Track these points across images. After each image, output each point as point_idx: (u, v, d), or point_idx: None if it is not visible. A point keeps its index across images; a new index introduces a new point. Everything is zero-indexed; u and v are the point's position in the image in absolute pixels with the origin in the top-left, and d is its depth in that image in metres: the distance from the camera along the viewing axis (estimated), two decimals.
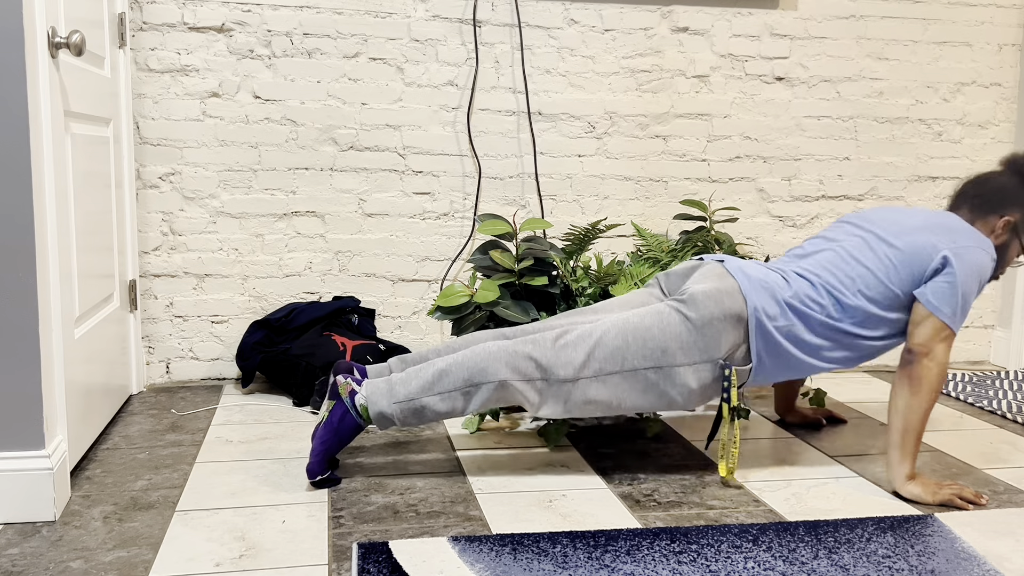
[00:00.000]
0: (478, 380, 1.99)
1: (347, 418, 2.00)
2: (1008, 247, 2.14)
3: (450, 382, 1.99)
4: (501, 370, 1.99)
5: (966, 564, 1.67)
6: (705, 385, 2.01)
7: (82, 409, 2.11)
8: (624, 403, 2.02)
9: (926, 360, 1.96)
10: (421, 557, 1.66)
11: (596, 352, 1.99)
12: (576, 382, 1.99)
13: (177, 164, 2.82)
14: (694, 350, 1.99)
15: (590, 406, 2.02)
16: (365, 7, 2.87)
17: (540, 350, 2.00)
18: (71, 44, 1.87)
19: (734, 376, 2.00)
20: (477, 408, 2.01)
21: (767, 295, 2.02)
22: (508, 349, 2.01)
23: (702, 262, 2.14)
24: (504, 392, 2.00)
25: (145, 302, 2.85)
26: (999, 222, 2.11)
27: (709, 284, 2.02)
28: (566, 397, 2.01)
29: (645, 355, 1.99)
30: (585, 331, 2.02)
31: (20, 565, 1.62)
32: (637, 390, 2.01)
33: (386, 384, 2.01)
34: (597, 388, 2.00)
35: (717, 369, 2.01)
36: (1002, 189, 2.13)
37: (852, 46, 3.18)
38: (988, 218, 2.13)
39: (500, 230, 2.67)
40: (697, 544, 1.73)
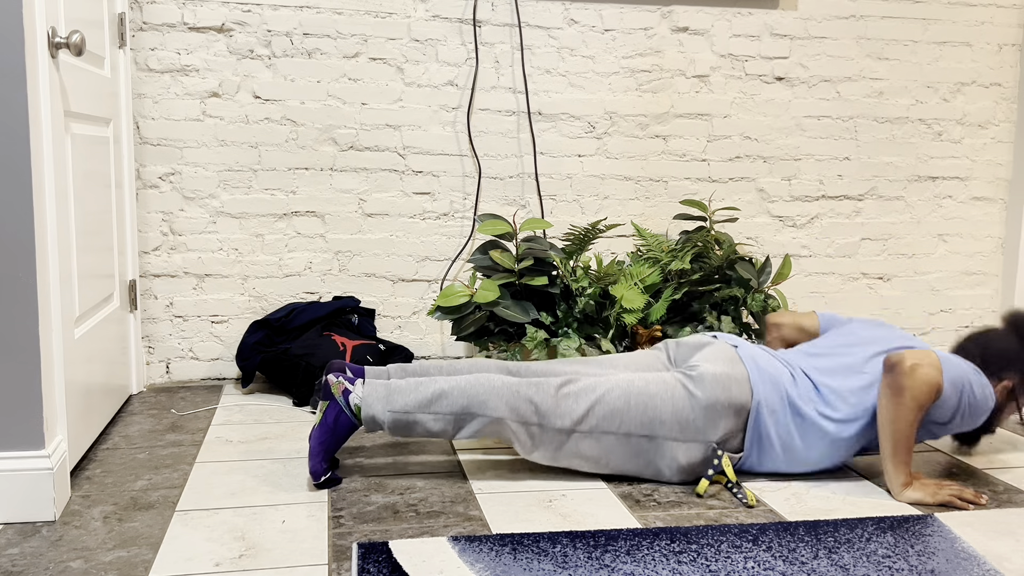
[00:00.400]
0: (475, 411, 2.01)
1: (342, 417, 2.00)
2: (1003, 409, 2.16)
3: (447, 405, 2.00)
4: (500, 407, 2.01)
5: (966, 564, 1.67)
6: (693, 463, 2.04)
7: (82, 409, 2.11)
8: (611, 463, 2.05)
9: (906, 367, 1.94)
10: (421, 557, 1.66)
11: (596, 409, 2.01)
12: (571, 434, 2.02)
13: (177, 164, 2.82)
14: (691, 428, 2.01)
15: (578, 459, 2.05)
16: (365, 7, 2.87)
17: (542, 396, 2.02)
18: (71, 44, 1.87)
19: (725, 461, 2.00)
20: (466, 436, 2.03)
21: (773, 390, 2.04)
22: (511, 388, 2.02)
23: (715, 340, 2.16)
24: (498, 427, 2.03)
25: (145, 302, 2.85)
26: (998, 386, 2.14)
27: (720, 367, 2.04)
28: (558, 446, 2.03)
29: (643, 422, 2.01)
30: (589, 385, 2.03)
31: (20, 565, 1.62)
32: (627, 454, 2.04)
33: (385, 390, 2.02)
34: (589, 444, 2.03)
35: (708, 451, 2.02)
36: (1004, 353, 2.14)
37: (852, 46, 3.18)
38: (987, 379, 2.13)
39: (500, 230, 2.67)
40: (697, 544, 1.73)
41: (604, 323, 2.75)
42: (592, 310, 2.72)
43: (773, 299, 2.81)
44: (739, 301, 2.82)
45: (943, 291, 3.38)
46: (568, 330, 2.68)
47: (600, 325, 2.74)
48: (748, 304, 2.79)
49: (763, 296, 2.80)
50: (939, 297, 3.38)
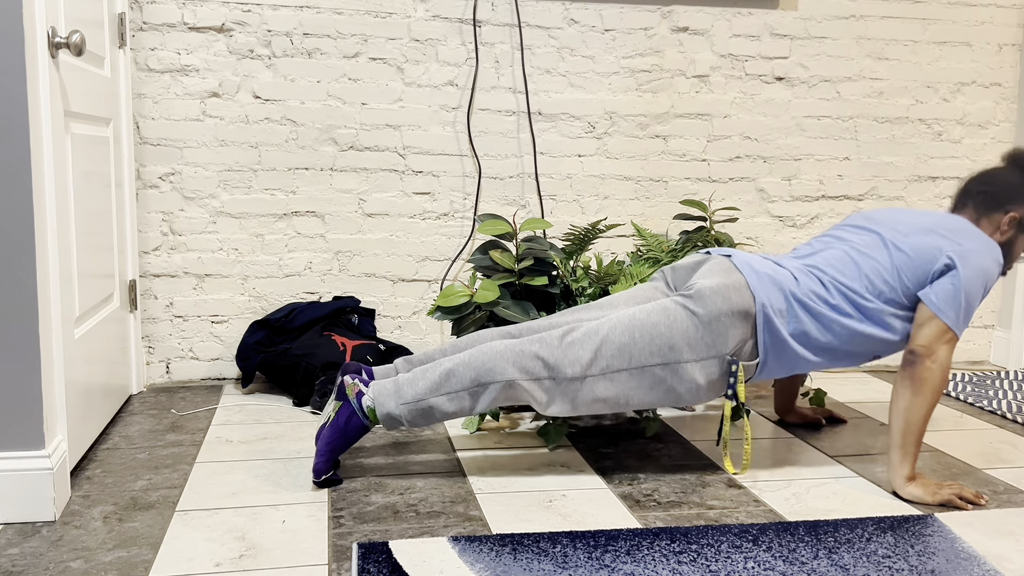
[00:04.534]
0: (485, 380, 1.99)
1: (353, 419, 2.00)
2: (1014, 243, 2.14)
3: (457, 382, 1.99)
4: (508, 369, 1.98)
5: (966, 564, 1.67)
6: (712, 381, 2.01)
7: (82, 409, 2.11)
8: (632, 400, 2.02)
9: (928, 361, 1.95)
10: (421, 557, 1.66)
11: (603, 349, 1.99)
12: (584, 380, 1.99)
13: (177, 164, 2.82)
14: (701, 346, 1.99)
15: (598, 403, 2.02)
16: (365, 7, 2.87)
17: (547, 349, 2.00)
18: (71, 44, 1.87)
19: (741, 372, 1.99)
20: (485, 407, 2.01)
21: (775, 290, 2.02)
22: (515, 348, 2.00)
23: (709, 256, 2.14)
24: (512, 391, 2.00)
25: (145, 302, 2.85)
26: (1004, 218, 2.12)
27: (716, 279, 2.02)
28: (574, 395, 2.00)
29: (652, 351, 1.98)
30: (591, 328, 2.01)
31: (20, 565, 1.62)
32: (644, 386, 2.01)
33: (393, 385, 2.01)
34: (604, 385, 2.00)
35: (724, 364, 2.01)
36: (1006, 185, 2.13)
37: (852, 46, 3.18)
38: (993, 215, 2.13)
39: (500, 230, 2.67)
40: (697, 544, 1.73)
41: None
42: None
43: None
44: None
45: None
46: None
47: None
48: None
49: None
50: None
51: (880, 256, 2.07)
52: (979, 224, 2.14)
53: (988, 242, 2.04)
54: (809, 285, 2.05)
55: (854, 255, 2.09)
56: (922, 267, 2.03)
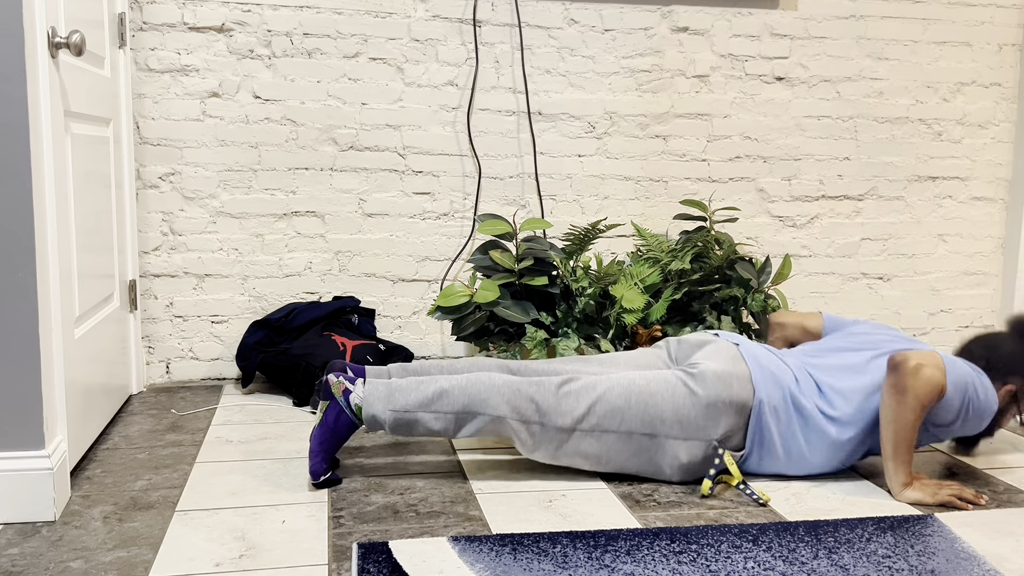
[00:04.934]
0: (476, 410, 2.00)
1: (342, 417, 2.00)
2: (1005, 412, 2.17)
3: (448, 404, 2.00)
4: (501, 406, 2.00)
5: (966, 564, 1.67)
6: (694, 462, 2.03)
7: (82, 409, 2.11)
8: (612, 462, 2.05)
9: (910, 367, 1.94)
10: (421, 557, 1.66)
11: (597, 407, 2.00)
12: (572, 433, 2.02)
13: (177, 164, 2.82)
14: (692, 426, 2.00)
15: (579, 458, 2.05)
16: (365, 7, 2.87)
17: (543, 394, 2.01)
18: (71, 44, 1.87)
19: (727, 458, 2.00)
20: (467, 435, 2.03)
21: (775, 389, 2.04)
22: (512, 386, 2.02)
23: (717, 338, 2.16)
24: (498, 426, 2.02)
25: (145, 302, 2.85)
26: (1001, 390, 2.13)
27: (722, 365, 2.03)
28: (559, 445, 2.03)
29: (644, 420, 2.00)
30: (590, 383, 2.03)
31: (20, 565, 1.62)
32: (628, 452, 2.03)
33: (386, 389, 2.02)
34: (590, 443, 2.02)
35: (709, 449, 2.02)
36: (1009, 357, 2.14)
37: (852, 46, 3.18)
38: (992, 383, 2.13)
39: (500, 230, 2.67)
40: (697, 544, 1.73)
41: (604, 323, 2.75)
42: (592, 310, 2.72)
43: (773, 299, 2.81)
44: (739, 301, 2.82)
45: (943, 291, 3.38)
46: (568, 330, 2.68)
47: (600, 325, 2.74)
48: (748, 304, 2.79)
49: (763, 296, 2.80)
50: (939, 297, 3.38)
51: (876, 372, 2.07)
52: None
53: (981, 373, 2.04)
54: (808, 388, 2.06)
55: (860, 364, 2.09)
56: None
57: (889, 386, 1.97)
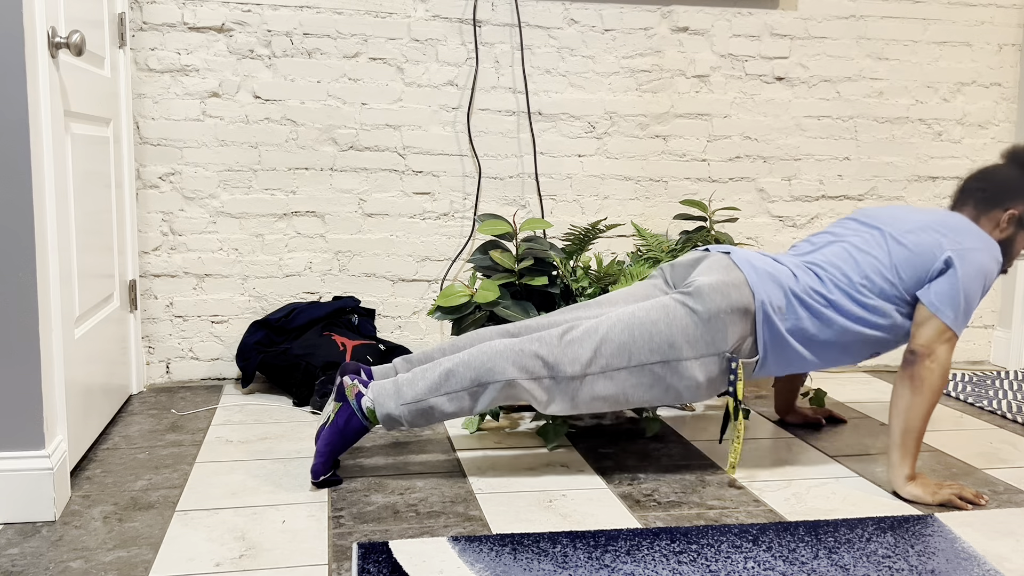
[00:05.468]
0: (485, 379, 1.99)
1: (353, 420, 1.99)
2: (1014, 240, 2.14)
3: (457, 382, 1.99)
4: (508, 369, 1.98)
5: (966, 564, 1.67)
6: (712, 378, 2.01)
7: (82, 409, 2.11)
8: (631, 398, 2.02)
9: (928, 361, 1.95)
10: (421, 557, 1.66)
11: (602, 348, 1.98)
12: (583, 378, 1.99)
13: (177, 164, 2.82)
14: (700, 343, 1.99)
15: (597, 402, 2.02)
16: (365, 7, 2.87)
17: (546, 348, 1.99)
18: (71, 44, 1.87)
19: (741, 369, 1.99)
20: (485, 407, 2.01)
21: (775, 287, 2.02)
22: (514, 347, 2.00)
23: (708, 253, 2.14)
24: (512, 390, 2.00)
25: (145, 302, 2.85)
26: (1004, 216, 2.11)
27: (715, 276, 2.02)
28: (574, 394, 2.00)
29: (652, 349, 1.98)
30: (590, 327, 2.01)
31: (20, 565, 1.62)
32: (644, 384, 2.00)
33: (393, 386, 2.01)
34: (604, 384, 2.00)
35: (724, 362, 2.01)
36: (1006, 182, 2.12)
37: (852, 46, 3.18)
38: (992, 212, 2.12)
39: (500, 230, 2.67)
40: (697, 544, 1.73)
41: None
42: None
43: None
44: None
45: None
46: None
47: None
48: None
49: None
50: None
51: (879, 253, 2.06)
52: (978, 222, 2.14)
53: (987, 240, 2.03)
54: (808, 282, 2.05)
55: (853, 252, 2.09)
56: (921, 265, 2.02)
57: (906, 376, 1.97)
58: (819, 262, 2.09)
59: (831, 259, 2.09)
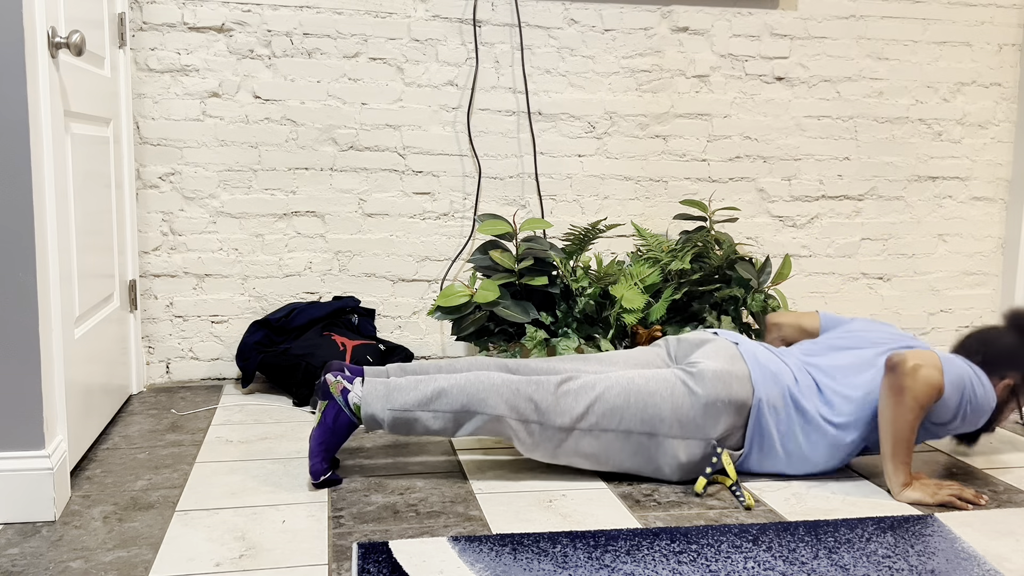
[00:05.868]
0: (475, 409, 2.00)
1: (341, 416, 2.00)
2: (1004, 407, 2.15)
3: (447, 403, 2.00)
4: (500, 405, 2.00)
5: (966, 564, 1.67)
6: (693, 461, 2.03)
7: (82, 409, 2.11)
8: (611, 461, 2.05)
9: (908, 368, 1.94)
10: (421, 557, 1.66)
11: (596, 406, 2.00)
12: (571, 432, 2.01)
13: (177, 164, 2.82)
14: (691, 425, 2.00)
15: (578, 457, 2.05)
16: (365, 7, 2.87)
17: (542, 393, 2.01)
18: (71, 44, 1.87)
19: (725, 457, 2.00)
20: (466, 434, 2.03)
21: (775, 387, 2.04)
22: (511, 385, 2.02)
23: (716, 336, 2.16)
24: (497, 426, 2.02)
25: (145, 302, 2.85)
26: (999, 384, 2.12)
27: (721, 364, 2.03)
28: (558, 444, 2.03)
29: (643, 419, 2.00)
30: (588, 382, 2.03)
31: (20, 565, 1.62)
32: (627, 451, 2.03)
33: (384, 388, 2.01)
34: (589, 442, 2.02)
35: (708, 448, 2.02)
36: (1006, 351, 2.13)
37: (852, 46, 3.18)
38: (989, 377, 2.13)
39: (500, 230, 2.67)
40: (697, 544, 1.73)
41: (604, 323, 2.75)
42: (592, 310, 2.72)
43: (773, 299, 2.81)
44: (739, 301, 2.82)
45: (943, 291, 3.38)
46: (567, 330, 2.68)
47: (600, 325, 2.74)
48: (748, 304, 2.79)
49: (763, 296, 2.80)
50: (939, 297, 3.38)
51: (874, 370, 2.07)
52: None
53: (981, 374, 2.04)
54: (808, 387, 2.06)
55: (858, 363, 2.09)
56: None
57: (887, 387, 1.97)
58: (823, 367, 2.11)
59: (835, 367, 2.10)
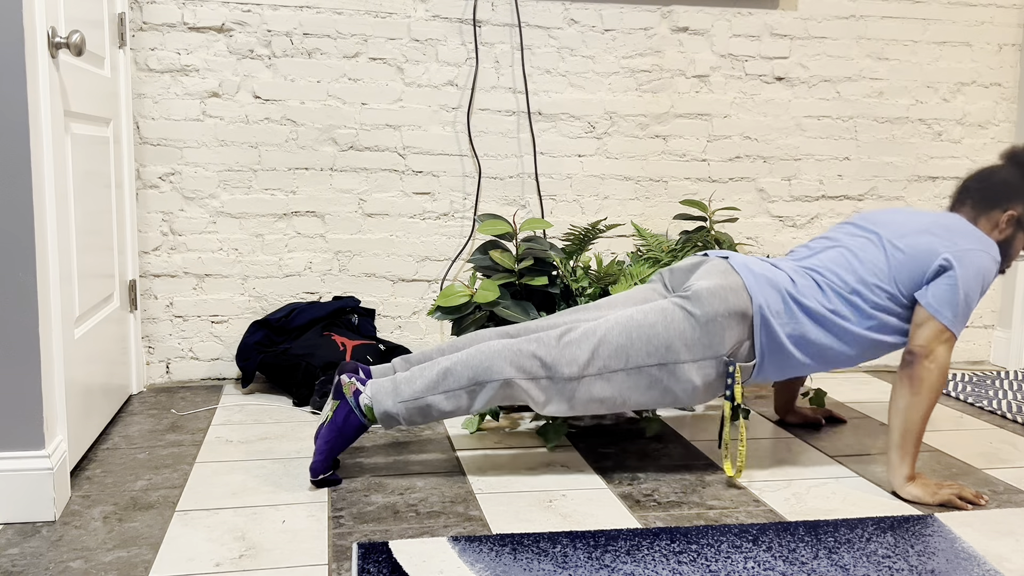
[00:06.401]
0: (483, 379, 1.99)
1: (351, 418, 2.00)
2: (1012, 241, 2.13)
3: (455, 381, 1.99)
4: (506, 368, 1.99)
5: (966, 564, 1.67)
6: (709, 382, 2.01)
7: (82, 409, 2.11)
8: (628, 400, 2.02)
9: (926, 362, 1.95)
10: (421, 557, 1.66)
11: (600, 349, 1.99)
12: (581, 380, 1.99)
13: (177, 164, 2.82)
14: (698, 347, 1.99)
15: (594, 403, 2.02)
16: (365, 7, 2.87)
17: (544, 348, 2.00)
18: (71, 44, 1.87)
19: (738, 373, 1.99)
20: (482, 406, 2.01)
21: (772, 292, 2.02)
22: (512, 347, 2.00)
23: (706, 258, 2.15)
24: (509, 390, 2.00)
25: (145, 302, 2.85)
26: (1003, 216, 2.11)
27: (713, 281, 2.02)
28: (571, 395, 2.00)
29: (649, 352, 1.99)
30: (589, 328, 2.02)
31: (20, 565, 1.62)
32: (641, 387, 2.01)
33: (391, 383, 2.01)
34: (601, 386, 2.00)
35: (721, 365, 2.01)
36: (1004, 183, 2.12)
37: (852, 46, 3.18)
38: (991, 213, 2.12)
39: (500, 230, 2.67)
40: (697, 544, 1.73)
41: None
42: None
43: None
44: None
45: None
46: None
47: None
48: None
49: None
50: None
51: (877, 257, 2.07)
52: (977, 222, 2.14)
53: (985, 241, 2.03)
54: (806, 286, 2.05)
55: (851, 257, 2.09)
56: (918, 267, 2.02)
57: (905, 376, 1.97)
58: (817, 267, 2.09)
59: (829, 264, 2.09)
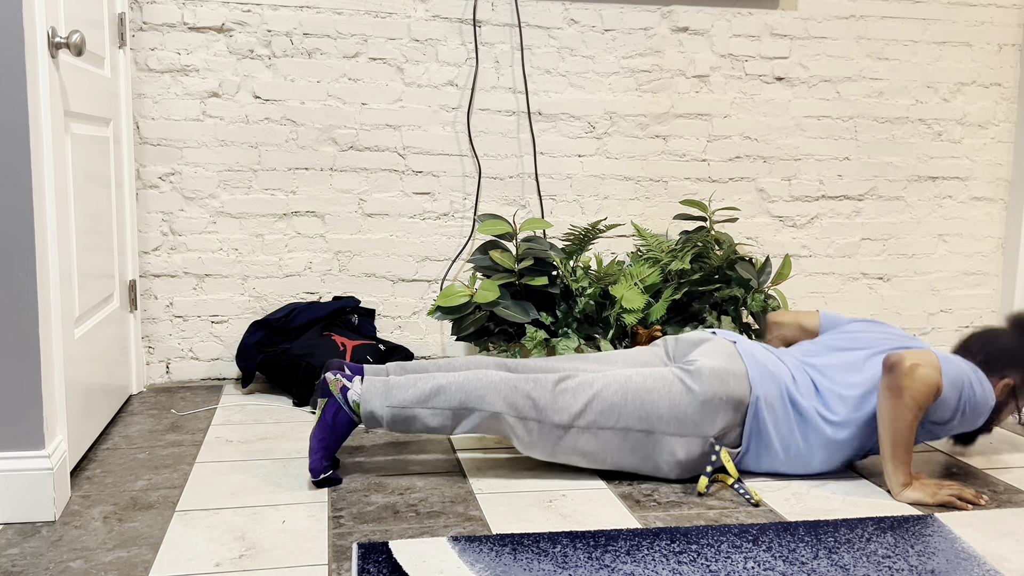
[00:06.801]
0: (473, 406, 2.01)
1: (340, 414, 2.01)
2: (1003, 407, 2.16)
3: (445, 400, 2.01)
4: (498, 402, 2.01)
5: (966, 564, 1.67)
6: (692, 459, 2.03)
7: (82, 409, 2.11)
8: (609, 459, 2.05)
9: (906, 368, 1.94)
10: (421, 557, 1.66)
11: (594, 403, 2.01)
12: (569, 429, 2.02)
13: (177, 164, 2.82)
14: (689, 423, 2.01)
15: (576, 455, 2.05)
16: (365, 7, 2.87)
17: (540, 391, 2.01)
18: (71, 44, 1.87)
19: (724, 455, 2.00)
20: (464, 432, 2.03)
21: (773, 386, 2.04)
22: (509, 383, 2.02)
23: (714, 336, 2.16)
24: (495, 423, 2.02)
25: (145, 302, 2.85)
26: (999, 384, 2.12)
27: (718, 362, 2.03)
28: (556, 442, 2.03)
29: (640, 417, 2.00)
30: (586, 380, 2.03)
31: (20, 565, 1.62)
32: (625, 449, 2.03)
33: (383, 385, 2.02)
34: (587, 439, 2.02)
35: (707, 445, 2.02)
36: (1006, 351, 2.13)
37: (852, 46, 3.18)
38: (990, 378, 2.13)
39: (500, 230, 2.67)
40: (697, 544, 1.73)
41: (604, 323, 2.75)
42: (592, 310, 2.72)
43: (773, 299, 2.81)
44: (739, 301, 2.82)
45: (943, 291, 3.38)
46: (567, 330, 2.68)
47: (600, 325, 2.74)
48: (748, 304, 2.79)
49: (763, 296, 2.80)
50: (939, 297, 3.38)
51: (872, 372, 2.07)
52: None
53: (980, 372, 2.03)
54: (804, 387, 2.06)
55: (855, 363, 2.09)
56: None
57: (885, 387, 1.97)
58: (820, 367, 2.11)
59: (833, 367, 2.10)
